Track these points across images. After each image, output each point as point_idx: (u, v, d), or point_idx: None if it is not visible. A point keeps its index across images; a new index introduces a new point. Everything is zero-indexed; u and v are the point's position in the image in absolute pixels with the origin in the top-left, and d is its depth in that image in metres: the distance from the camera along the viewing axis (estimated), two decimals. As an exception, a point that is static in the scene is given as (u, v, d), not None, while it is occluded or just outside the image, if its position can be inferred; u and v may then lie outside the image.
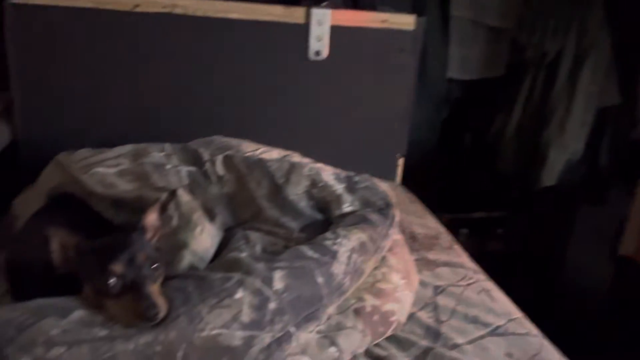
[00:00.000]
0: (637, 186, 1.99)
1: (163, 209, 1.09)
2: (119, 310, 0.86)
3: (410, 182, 2.13)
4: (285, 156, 1.58)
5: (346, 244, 1.12)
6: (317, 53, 1.86)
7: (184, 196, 1.14)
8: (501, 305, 1.31)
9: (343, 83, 1.91)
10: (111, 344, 0.81)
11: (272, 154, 1.59)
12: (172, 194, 1.12)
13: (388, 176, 1.99)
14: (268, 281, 0.97)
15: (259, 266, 1.01)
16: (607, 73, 2.32)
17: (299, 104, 1.90)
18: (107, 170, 1.33)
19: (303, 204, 1.31)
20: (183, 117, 1.83)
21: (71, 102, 1.75)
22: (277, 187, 1.33)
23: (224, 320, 0.89)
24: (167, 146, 1.50)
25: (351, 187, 1.31)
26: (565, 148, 2.39)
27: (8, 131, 1.75)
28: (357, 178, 1.34)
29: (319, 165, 1.47)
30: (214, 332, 0.88)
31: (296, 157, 1.58)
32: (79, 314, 0.85)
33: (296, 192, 1.32)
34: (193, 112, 1.83)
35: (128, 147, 1.49)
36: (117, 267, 0.87)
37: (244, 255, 1.07)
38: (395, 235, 1.32)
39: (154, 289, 0.89)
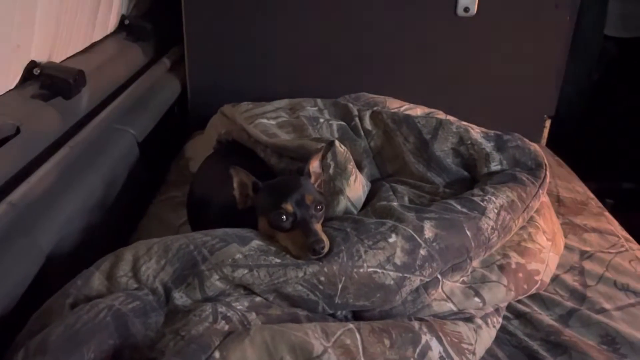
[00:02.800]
0: None
1: (322, 157, 1.18)
2: (290, 242, 0.98)
3: (555, 144, 2.05)
4: (430, 113, 1.61)
5: (495, 201, 1.14)
6: (466, 9, 1.83)
7: (339, 147, 1.22)
8: (656, 277, 1.25)
9: (492, 40, 1.87)
10: (284, 270, 0.93)
11: (416, 111, 1.63)
12: (331, 144, 1.21)
13: (533, 137, 1.93)
14: (419, 229, 1.03)
15: (410, 215, 1.07)
16: None
17: (446, 61, 1.90)
18: (268, 122, 1.46)
19: (449, 160, 1.34)
20: (331, 73, 1.92)
21: (233, 56, 1.92)
22: (424, 143, 1.37)
23: (379, 260, 0.97)
24: (319, 101, 1.60)
25: (500, 146, 1.31)
26: None
27: (179, 82, 1.98)
28: (506, 137, 1.33)
29: (466, 123, 1.48)
30: (370, 269, 0.96)
31: (441, 115, 1.60)
32: (256, 243, 0.97)
33: (443, 148, 1.35)
34: (341, 68, 1.92)
35: (284, 102, 1.62)
36: (289, 205, 0.99)
37: (394, 204, 1.14)
38: (543, 197, 1.30)
39: (319, 227, 1.00)
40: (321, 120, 1.50)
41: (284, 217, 0.99)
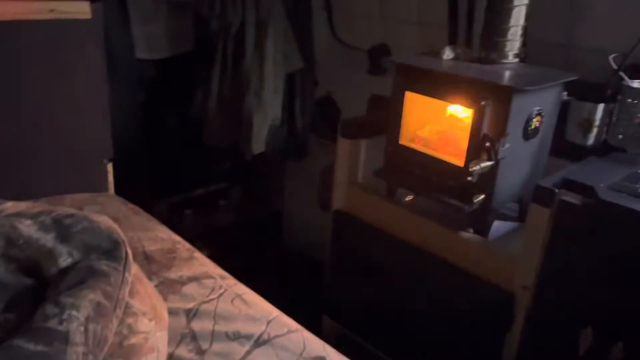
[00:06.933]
0: (332, 141, 2.14)
1: None
2: None
3: (124, 179, 1.90)
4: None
5: (78, 316, 0.90)
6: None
7: None
8: (257, 308, 1.28)
9: (23, 89, 1.54)
10: None
11: None
12: None
13: (100, 187, 1.74)
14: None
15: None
16: (286, 40, 2.45)
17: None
18: None
19: (1, 271, 1.01)
20: None
21: None
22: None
23: None
24: None
25: (64, 234, 1.06)
26: (265, 115, 2.47)
27: None
28: (68, 221, 1.08)
29: (10, 206, 1.16)
30: None
31: (-28, 200, 1.22)
32: None
33: (-13, 258, 1.01)
34: None
35: None
36: None
37: None
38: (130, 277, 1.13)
39: None
40: None
41: None
